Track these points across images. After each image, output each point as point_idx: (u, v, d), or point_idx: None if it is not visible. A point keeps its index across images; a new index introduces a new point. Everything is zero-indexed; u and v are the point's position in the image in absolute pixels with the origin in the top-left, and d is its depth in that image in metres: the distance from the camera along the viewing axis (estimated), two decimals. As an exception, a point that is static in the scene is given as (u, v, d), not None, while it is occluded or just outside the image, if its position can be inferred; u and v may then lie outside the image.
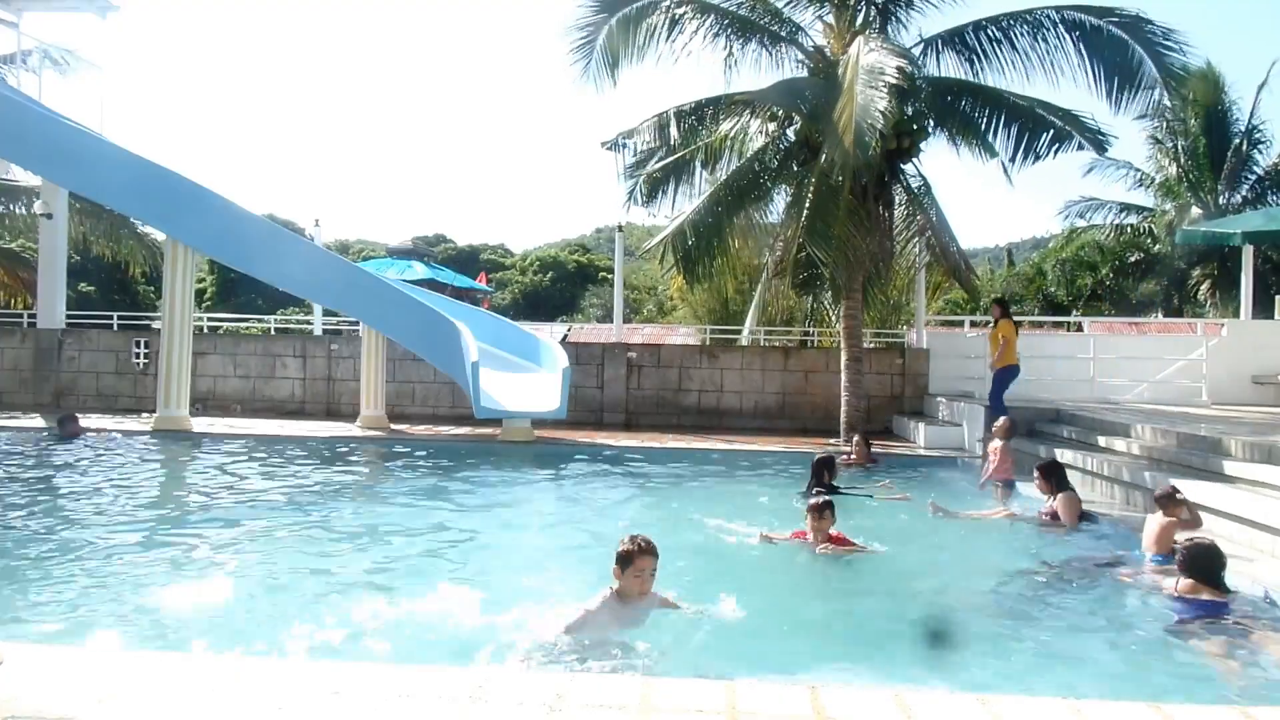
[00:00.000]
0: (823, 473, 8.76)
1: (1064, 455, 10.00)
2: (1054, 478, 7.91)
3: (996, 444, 9.53)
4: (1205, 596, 5.04)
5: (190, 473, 10.36)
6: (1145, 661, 4.65)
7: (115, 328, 17.28)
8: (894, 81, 11.15)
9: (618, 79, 13.56)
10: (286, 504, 8.46)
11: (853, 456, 10.82)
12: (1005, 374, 11.73)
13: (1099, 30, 12.51)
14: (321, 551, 6.66)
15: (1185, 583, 5.12)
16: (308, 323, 19.12)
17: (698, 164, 13.89)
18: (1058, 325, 23.85)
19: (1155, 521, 6.40)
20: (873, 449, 11.06)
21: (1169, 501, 6.43)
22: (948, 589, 6.23)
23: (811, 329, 17.31)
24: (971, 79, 13.30)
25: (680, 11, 13.27)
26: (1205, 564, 5.12)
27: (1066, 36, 12.70)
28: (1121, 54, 12.43)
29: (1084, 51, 12.64)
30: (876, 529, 7.35)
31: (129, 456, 11.03)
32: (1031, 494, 8.95)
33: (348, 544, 6.94)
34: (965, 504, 8.83)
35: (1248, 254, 15.95)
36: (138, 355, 16.17)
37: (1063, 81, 12.86)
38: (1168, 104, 12.56)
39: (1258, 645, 4.71)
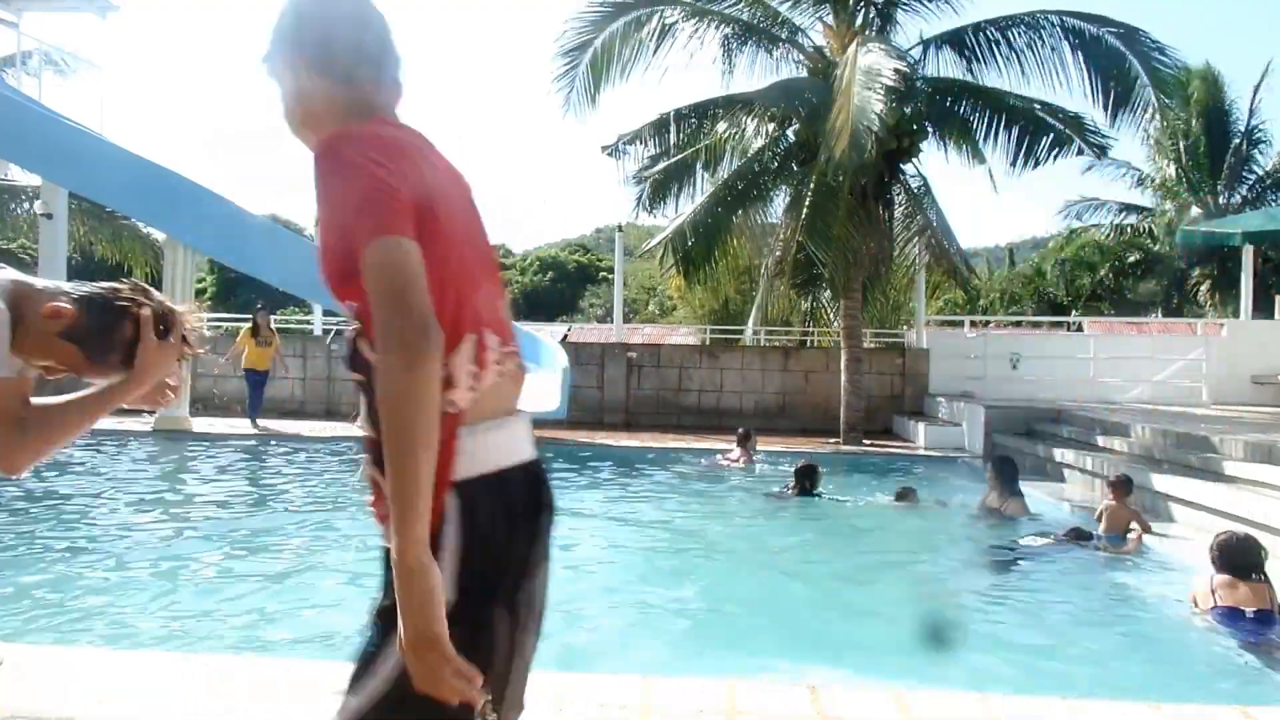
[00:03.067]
0: (803, 482, 8.67)
1: (1064, 455, 10.03)
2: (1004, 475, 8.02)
3: None
4: (1252, 607, 4.70)
5: (190, 473, 10.36)
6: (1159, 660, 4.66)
7: (115, 328, 17.25)
8: (891, 84, 11.15)
9: (599, 102, 13.53)
10: (286, 504, 8.46)
11: (735, 457, 10.78)
12: None
13: (1097, 39, 12.52)
14: (321, 552, 6.67)
15: (1220, 578, 4.86)
16: (308, 323, 19.11)
17: (699, 166, 13.90)
18: (1057, 325, 23.86)
19: (1104, 504, 7.08)
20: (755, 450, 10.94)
21: (1121, 487, 7.03)
22: (923, 581, 6.28)
23: (811, 329, 17.31)
24: (970, 80, 13.31)
25: (672, 20, 13.25)
26: (1242, 558, 4.88)
27: (1064, 43, 12.71)
28: (1119, 64, 12.44)
29: (1081, 59, 12.64)
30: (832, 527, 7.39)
31: (129, 457, 11.03)
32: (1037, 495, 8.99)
33: (347, 544, 6.93)
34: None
35: (1248, 254, 15.95)
36: (138, 355, 16.13)
37: (1060, 89, 12.89)
38: (1159, 113, 12.54)
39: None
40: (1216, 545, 4.99)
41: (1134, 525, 6.86)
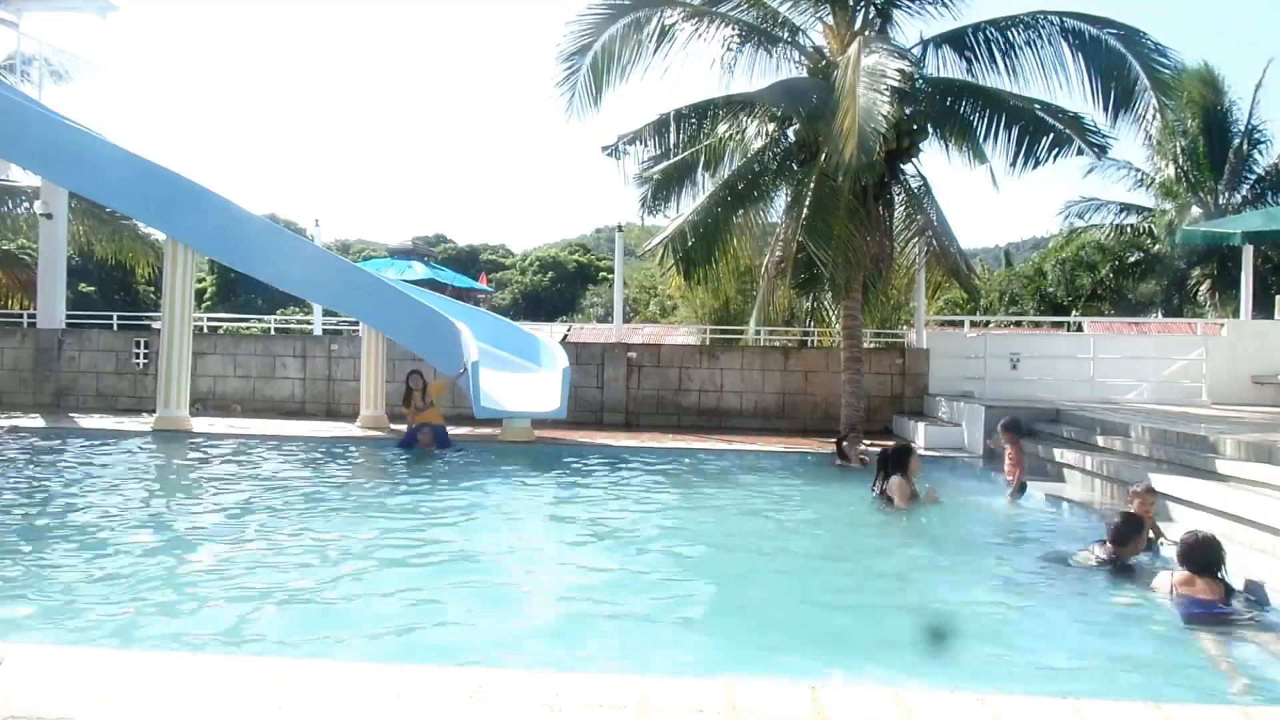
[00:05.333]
0: (888, 464, 8.68)
1: (1064, 455, 10.03)
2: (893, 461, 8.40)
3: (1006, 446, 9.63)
4: (1202, 595, 5.07)
5: (190, 473, 10.36)
6: (1136, 659, 4.66)
7: (115, 328, 17.28)
8: (895, 84, 11.14)
9: (601, 105, 13.51)
10: (285, 505, 8.46)
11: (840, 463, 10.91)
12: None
13: (1097, 40, 12.51)
14: (319, 552, 6.65)
15: (1181, 574, 5.22)
16: (308, 323, 19.12)
17: (699, 166, 13.89)
18: (1058, 325, 23.87)
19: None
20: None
21: (1146, 496, 6.74)
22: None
23: (811, 329, 17.32)
24: (971, 80, 13.29)
25: (672, 21, 13.24)
26: (1203, 556, 5.21)
27: (1064, 44, 12.69)
28: (1119, 66, 12.43)
29: (1081, 60, 12.63)
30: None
31: (130, 456, 11.03)
32: (1039, 493, 9.04)
33: (346, 544, 6.93)
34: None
35: (1247, 254, 15.96)
36: (138, 355, 16.17)
37: (1060, 90, 12.87)
38: (1159, 114, 12.53)
39: (1259, 645, 4.73)
40: (1182, 544, 5.34)
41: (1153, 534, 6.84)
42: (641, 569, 6.47)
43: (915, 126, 13.18)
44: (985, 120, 12.93)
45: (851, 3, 13.43)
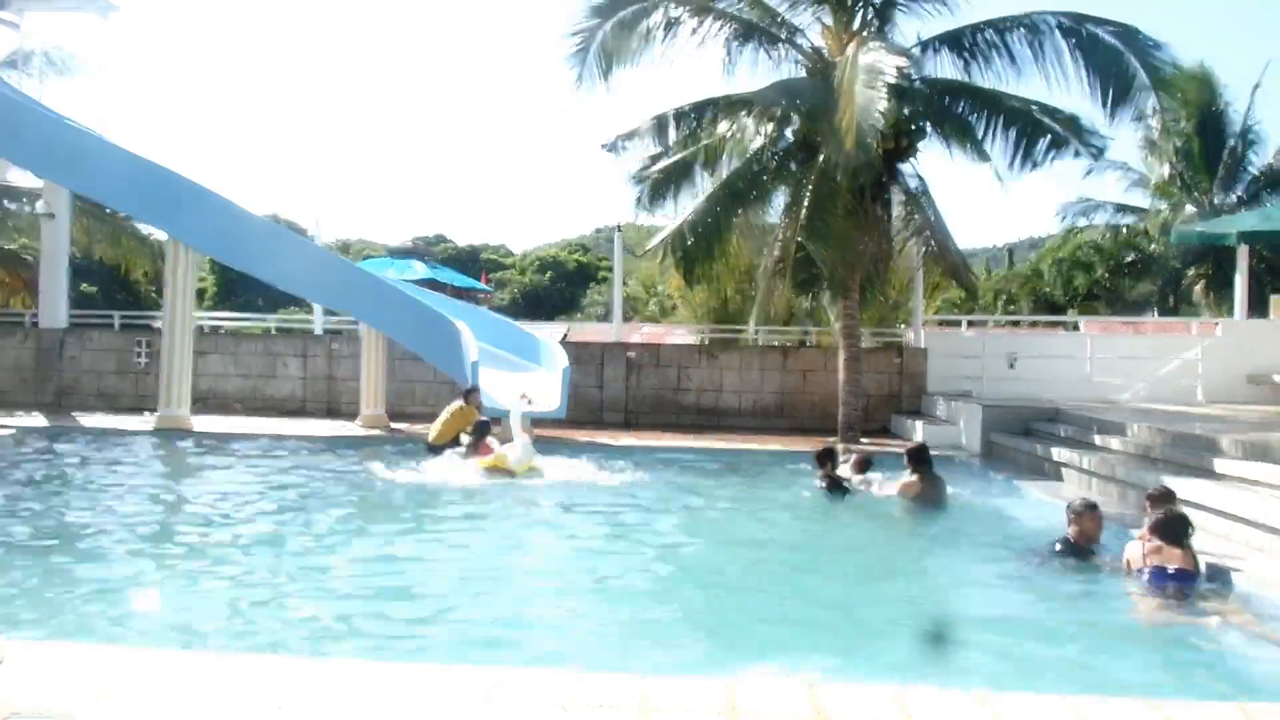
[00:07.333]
0: (826, 463, 8.96)
1: (1061, 454, 10.07)
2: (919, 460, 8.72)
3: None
4: (1173, 564, 5.46)
5: (191, 472, 10.39)
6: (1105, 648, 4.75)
7: (117, 327, 17.28)
8: (894, 81, 11.18)
9: (611, 84, 13.54)
10: (286, 504, 8.48)
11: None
12: None
13: (1095, 38, 12.55)
14: (321, 551, 6.70)
15: (1152, 544, 5.64)
16: (308, 323, 19.12)
17: (698, 165, 13.91)
18: (1054, 325, 23.91)
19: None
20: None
21: (1164, 501, 6.55)
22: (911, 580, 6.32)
23: (810, 329, 17.34)
24: (969, 81, 13.32)
25: (677, 14, 13.28)
26: (1171, 529, 5.66)
27: (1063, 43, 12.72)
28: (1116, 63, 12.47)
29: (1080, 59, 12.66)
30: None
31: (131, 454, 11.06)
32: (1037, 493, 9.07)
33: (347, 544, 6.97)
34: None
35: (1242, 254, 16.02)
36: (139, 355, 16.18)
37: (1058, 89, 12.90)
38: (1158, 111, 12.55)
39: (1220, 621, 4.99)
40: (1156, 521, 5.81)
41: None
42: (640, 568, 6.51)
43: (914, 126, 13.20)
44: (983, 122, 12.97)
45: (850, 3, 13.46)
